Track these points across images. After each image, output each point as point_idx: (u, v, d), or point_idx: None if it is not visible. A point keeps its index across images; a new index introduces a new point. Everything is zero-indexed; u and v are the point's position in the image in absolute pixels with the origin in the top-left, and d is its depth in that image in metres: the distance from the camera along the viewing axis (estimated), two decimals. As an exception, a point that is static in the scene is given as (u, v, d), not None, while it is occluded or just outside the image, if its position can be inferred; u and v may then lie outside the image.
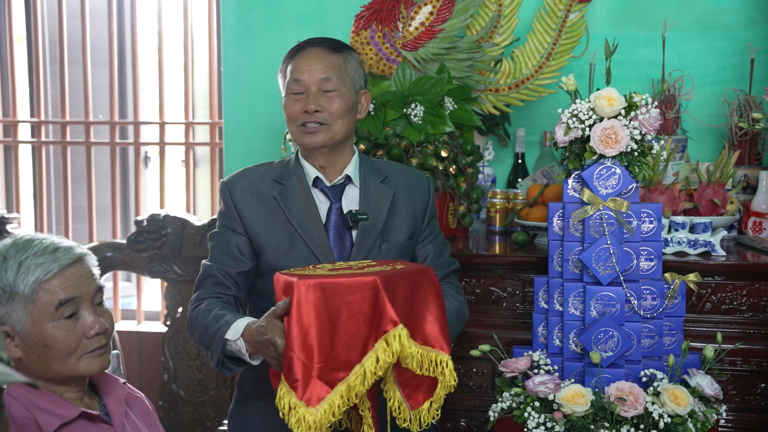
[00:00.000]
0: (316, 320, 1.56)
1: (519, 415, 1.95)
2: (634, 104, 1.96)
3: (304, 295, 1.57)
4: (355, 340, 1.58)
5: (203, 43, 3.96)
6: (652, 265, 2.06)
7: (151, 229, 3.28)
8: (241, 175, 2.05)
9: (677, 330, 2.08)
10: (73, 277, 1.53)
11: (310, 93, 1.95)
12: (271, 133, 3.47)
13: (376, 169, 2.08)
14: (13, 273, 1.49)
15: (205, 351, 1.84)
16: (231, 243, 1.96)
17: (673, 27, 3.02)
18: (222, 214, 2.01)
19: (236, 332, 1.74)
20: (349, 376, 1.58)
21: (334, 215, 1.98)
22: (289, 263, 1.90)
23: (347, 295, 1.57)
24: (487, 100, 2.87)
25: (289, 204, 1.97)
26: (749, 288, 2.31)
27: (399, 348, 1.58)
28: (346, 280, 1.59)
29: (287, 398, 1.57)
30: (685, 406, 1.86)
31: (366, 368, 1.58)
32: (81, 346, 1.53)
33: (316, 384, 1.56)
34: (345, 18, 3.38)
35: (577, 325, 2.04)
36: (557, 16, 2.84)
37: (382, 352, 1.58)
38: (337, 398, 1.58)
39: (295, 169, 2.03)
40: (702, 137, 3.08)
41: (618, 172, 1.98)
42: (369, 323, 1.58)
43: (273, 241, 1.95)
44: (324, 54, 1.98)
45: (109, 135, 4.06)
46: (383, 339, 1.58)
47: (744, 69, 3.10)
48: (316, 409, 1.56)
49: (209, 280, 1.93)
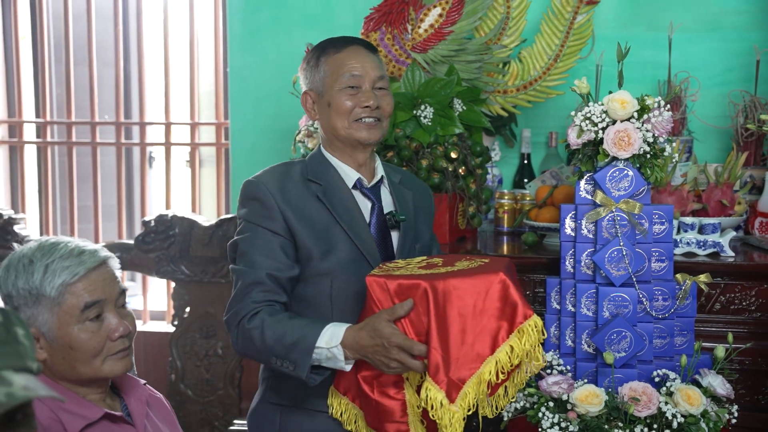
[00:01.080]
0: (450, 319, 1.63)
1: (533, 415, 1.97)
2: (647, 107, 1.98)
3: (441, 295, 1.63)
4: (484, 333, 1.64)
5: (209, 43, 3.97)
6: (663, 266, 2.08)
7: (158, 229, 3.29)
8: (271, 173, 1.94)
9: (688, 330, 2.10)
10: (98, 279, 1.54)
11: (366, 89, 1.93)
12: (277, 134, 3.48)
13: (392, 171, 2.10)
14: (40, 276, 1.50)
15: (276, 361, 1.75)
16: (275, 246, 1.84)
17: (679, 28, 3.04)
18: (258, 215, 1.87)
19: (332, 339, 1.70)
20: (481, 368, 1.63)
21: (376, 216, 1.96)
22: (338, 266, 1.86)
23: (476, 293, 1.64)
24: (496, 102, 2.89)
25: (334, 205, 1.90)
26: (758, 288, 2.33)
27: (537, 337, 1.64)
28: (474, 279, 1.65)
29: (436, 395, 1.62)
30: (698, 406, 1.88)
31: (499, 359, 1.63)
32: (106, 348, 1.55)
33: (452, 381, 1.63)
34: (352, 19, 3.40)
35: (590, 326, 2.06)
36: (565, 18, 2.85)
37: (516, 342, 1.63)
38: (471, 392, 1.64)
39: (327, 168, 1.97)
40: (707, 138, 3.11)
41: (630, 174, 2.00)
42: (498, 317, 1.64)
43: (322, 243, 1.87)
44: (369, 52, 1.98)
45: (114, 135, 4.07)
46: (517, 330, 1.64)
47: (749, 70, 3.12)
48: (456, 405, 1.62)
49: (258, 287, 1.81)
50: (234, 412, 3.26)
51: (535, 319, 1.64)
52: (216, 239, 3.26)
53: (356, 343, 1.68)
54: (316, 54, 1.98)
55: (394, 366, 1.66)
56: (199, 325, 3.31)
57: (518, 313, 1.64)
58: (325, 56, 1.96)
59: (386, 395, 1.75)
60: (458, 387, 1.63)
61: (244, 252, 1.86)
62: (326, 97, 1.95)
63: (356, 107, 1.92)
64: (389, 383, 1.75)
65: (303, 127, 2.78)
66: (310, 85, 1.99)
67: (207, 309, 3.31)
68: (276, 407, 1.96)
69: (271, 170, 1.96)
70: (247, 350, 1.81)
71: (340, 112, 1.93)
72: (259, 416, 2.01)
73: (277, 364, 1.75)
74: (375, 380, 1.75)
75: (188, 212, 3.53)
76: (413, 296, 1.65)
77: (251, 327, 1.77)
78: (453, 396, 1.62)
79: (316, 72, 1.97)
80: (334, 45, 1.97)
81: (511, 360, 1.63)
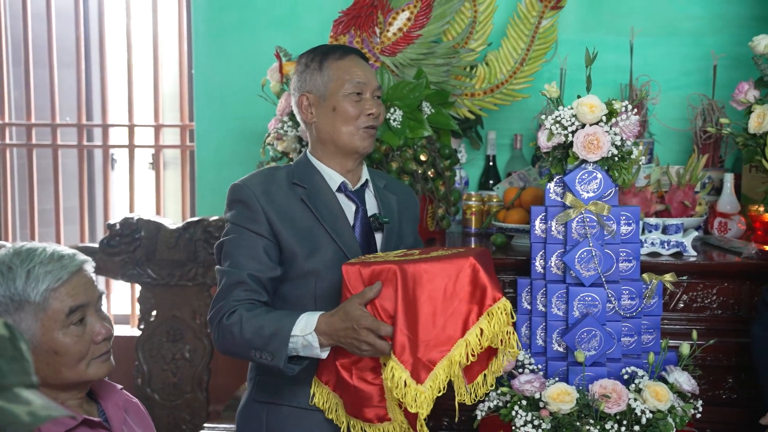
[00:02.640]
0: (420, 301, 1.68)
1: (506, 413, 2.00)
2: (615, 111, 2.03)
3: (411, 278, 1.68)
4: (455, 316, 1.69)
5: (172, 45, 3.94)
6: (630, 266, 2.13)
7: (124, 232, 3.26)
8: (257, 177, 1.99)
9: (655, 328, 2.16)
10: (80, 283, 1.54)
11: (367, 97, 1.99)
12: (244, 136, 3.48)
13: (377, 176, 2.15)
14: (22, 282, 1.48)
15: (255, 354, 1.79)
16: (258, 247, 1.89)
17: (639, 33, 3.11)
18: (243, 217, 1.92)
19: (307, 326, 1.76)
20: (452, 351, 1.68)
21: (360, 218, 2.01)
22: (322, 267, 1.91)
23: (447, 277, 1.69)
24: (464, 105, 2.93)
25: (318, 207, 1.95)
26: (719, 286, 2.40)
27: (506, 319, 1.69)
28: (443, 263, 1.70)
29: (400, 375, 1.67)
30: (665, 402, 1.94)
31: (469, 341, 1.68)
32: (90, 351, 1.55)
33: (420, 361, 1.67)
34: (318, 22, 3.41)
35: (560, 326, 2.11)
36: (530, 23, 2.90)
37: (486, 325, 1.68)
38: (441, 373, 1.68)
39: (312, 173, 2.02)
40: (667, 140, 3.18)
41: (599, 177, 2.05)
42: (468, 300, 1.69)
43: (306, 244, 1.91)
44: (367, 63, 2.06)
45: (76, 137, 4.01)
46: (487, 313, 1.69)
47: (706, 74, 3.21)
48: (424, 385, 1.66)
49: (239, 286, 1.86)
50: (202, 416, 3.25)
51: (504, 302, 1.70)
52: (183, 242, 3.24)
53: (329, 328, 1.74)
54: (318, 58, 2.02)
55: (365, 348, 1.72)
56: (165, 328, 3.29)
57: (487, 296, 1.69)
58: (329, 61, 2.00)
59: (364, 381, 1.80)
60: (428, 368, 1.68)
61: (229, 253, 1.91)
62: (330, 102, 1.99)
63: (361, 115, 1.98)
64: (367, 369, 1.80)
65: (272, 130, 2.78)
66: (309, 87, 2.02)
67: (173, 312, 3.29)
68: (262, 405, 2.01)
69: (257, 174, 2.01)
70: (227, 346, 1.85)
71: (346, 117, 1.98)
72: (246, 414, 2.05)
73: (256, 356, 1.80)
74: (353, 366, 1.80)
75: (154, 215, 3.50)
76: (383, 280, 1.71)
77: (230, 323, 1.81)
78: (422, 377, 1.67)
79: (318, 75, 2.01)
80: (336, 51, 2.03)
81: (480, 342, 1.69)
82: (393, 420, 1.81)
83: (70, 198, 4.07)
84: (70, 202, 4.06)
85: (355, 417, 1.83)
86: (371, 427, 1.83)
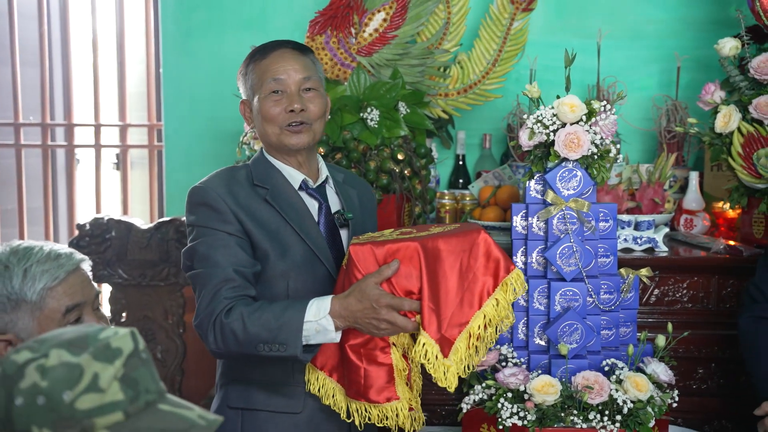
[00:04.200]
0: (441, 277, 1.72)
1: (491, 406, 2.05)
2: (594, 110, 2.09)
3: (431, 254, 1.72)
4: (471, 290, 1.74)
5: (139, 44, 3.90)
6: (608, 261, 2.20)
7: (94, 233, 3.22)
8: (217, 178, 1.93)
9: (631, 321, 2.23)
10: (76, 282, 1.53)
11: (291, 93, 1.93)
12: (215, 136, 3.47)
13: (334, 171, 2.13)
14: (19, 281, 1.47)
15: (263, 347, 1.74)
16: (233, 245, 1.84)
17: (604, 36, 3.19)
18: (210, 219, 1.87)
19: (319, 311, 1.73)
20: (470, 323, 1.73)
21: (324, 215, 1.99)
22: (293, 267, 1.88)
23: (462, 251, 1.74)
24: (438, 105, 2.97)
25: (283, 207, 1.92)
26: (689, 280, 2.49)
27: (520, 288, 1.77)
28: (457, 238, 1.74)
29: (432, 350, 1.71)
30: (646, 392, 2.00)
31: (486, 312, 1.74)
32: None
33: (444, 336, 1.71)
34: (287, 22, 3.43)
35: (542, 320, 2.16)
36: (502, 24, 2.96)
37: (501, 296, 1.75)
38: (462, 346, 1.73)
39: (272, 172, 1.98)
40: (632, 140, 3.28)
41: (579, 175, 2.11)
42: (483, 273, 1.75)
43: (276, 244, 1.88)
44: (297, 55, 1.97)
45: (40, 137, 3.95)
46: (502, 284, 1.75)
47: (668, 75, 3.31)
48: (449, 360, 1.72)
49: (227, 284, 1.80)
50: (175, 417, 3.23)
51: (517, 272, 1.77)
52: (154, 242, 3.22)
53: (345, 310, 1.72)
54: (246, 62, 1.99)
55: (384, 327, 1.72)
56: (137, 329, 3.26)
57: (501, 268, 1.76)
58: (253, 63, 1.97)
59: (374, 362, 1.80)
60: (450, 342, 1.72)
61: (205, 255, 1.85)
62: (256, 105, 1.96)
63: (282, 113, 1.93)
64: (376, 349, 1.80)
65: (249, 129, 2.78)
66: (243, 93, 2.01)
67: (145, 313, 3.26)
68: (236, 411, 1.97)
69: (216, 176, 1.95)
70: (228, 345, 1.78)
71: (268, 118, 1.93)
72: None
73: (264, 350, 1.75)
74: (362, 348, 1.80)
75: (123, 215, 3.47)
76: (402, 258, 1.73)
77: (231, 320, 1.76)
78: (446, 351, 1.72)
79: (246, 80, 1.99)
80: (261, 51, 1.97)
81: (497, 313, 1.75)
82: (401, 398, 1.82)
83: (33, 198, 4.01)
84: (33, 202, 3.99)
85: (358, 400, 1.82)
86: (376, 407, 1.81)
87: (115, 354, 1.07)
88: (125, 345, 1.08)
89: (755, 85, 2.57)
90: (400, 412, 1.82)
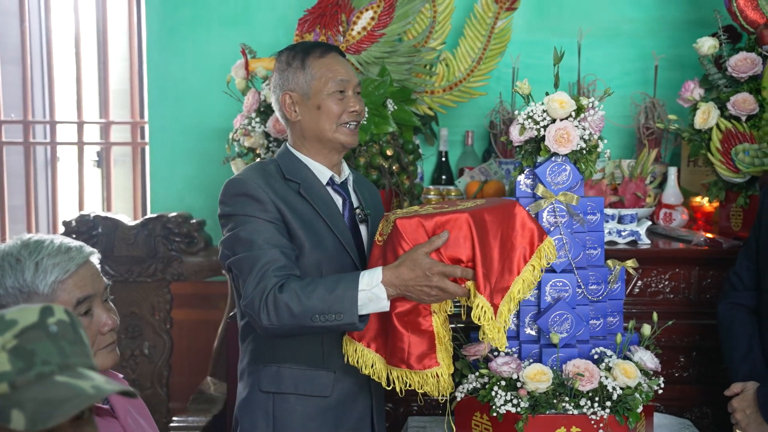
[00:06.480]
0: (489, 246, 1.86)
1: (485, 394, 2.10)
2: (582, 107, 2.16)
3: (480, 225, 1.85)
4: (512, 257, 1.89)
5: (122, 41, 3.90)
6: (596, 252, 2.26)
7: (80, 229, 3.23)
8: (253, 171, 2.01)
9: (618, 311, 2.29)
10: (87, 275, 1.56)
11: (349, 95, 2.05)
12: (201, 133, 3.49)
13: (349, 170, 2.22)
14: (31, 273, 1.49)
15: (319, 318, 1.80)
16: (274, 231, 1.91)
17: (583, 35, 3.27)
18: (251, 208, 1.93)
19: (372, 279, 1.81)
20: (511, 288, 1.89)
21: (348, 211, 2.08)
22: (326, 257, 1.97)
23: (501, 222, 1.89)
24: (424, 102, 3.03)
25: (315, 200, 2.01)
26: (671, 272, 2.57)
27: (553, 255, 1.94)
28: (497, 210, 1.89)
29: (489, 311, 1.85)
30: (634, 379, 2.07)
31: (525, 278, 1.90)
32: (96, 342, 1.57)
33: (492, 301, 1.85)
34: (271, 19, 3.46)
35: (532, 310, 2.22)
36: (486, 23, 3.03)
37: (537, 262, 1.92)
38: (505, 310, 1.88)
39: (300, 167, 2.06)
40: (610, 136, 3.35)
41: (568, 169, 2.17)
42: (520, 241, 1.90)
43: (311, 235, 1.97)
44: (346, 60, 2.12)
45: (22, 134, 3.93)
46: (538, 251, 1.91)
47: (645, 74, 3.40)
48: (498, 321, 1.86)
49: (274, 264, 1.85)
50: (162, 412, 3.25)
51: (549, 240, 1.94)
52: (141, 238, 3.23)
53: (397, 278, 1.80)
54: (299, 56, 2.05)
55: (435, 294, 1.82)
56: (124, 325, 3.27)
57: (536, 236, 1.92)
58: (311, 59, 2.04)
59: (417, 330, 1.90)
60: (496, 306, 1.86)
61: (249, 240, 1.90)
62: (314, 100, 2.04)
63: (344, 112, 2.04)
64: (419, 317, 1.90)
65: (239, 126, 2.81)
66: (291, 86, 2.06)
67: (132, 309, 3.28)
68: (268, 395, 2.04)
69: (251, 169, 2.04)
70: (282, 319, 1.82)
71: (330, 115, 2.04)
72: (250, 406, 2.07)
73: (320, 320, 1.80)
74: (406, 317, 1.89)
75: (110, 212, 3.47)
76: (451, 229, 1.83)
77: (285, 294, 1.81)
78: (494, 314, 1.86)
79: (301, 74, 2.05)
80: (316, 49, 2.06)
81: (534, 278, 1.91)
82: (441, 364, 1.93)
83: (15, 196, 3.99)
84: (15, 200, 3.97)
85: (400, 367, 1.91)
86: (417, 374, 1.91)
87: (7, 325, 1.04)
88: (24, 318, 1.05)
89: (733, 82, 2.66)
90: (441, 378, 1.93)
